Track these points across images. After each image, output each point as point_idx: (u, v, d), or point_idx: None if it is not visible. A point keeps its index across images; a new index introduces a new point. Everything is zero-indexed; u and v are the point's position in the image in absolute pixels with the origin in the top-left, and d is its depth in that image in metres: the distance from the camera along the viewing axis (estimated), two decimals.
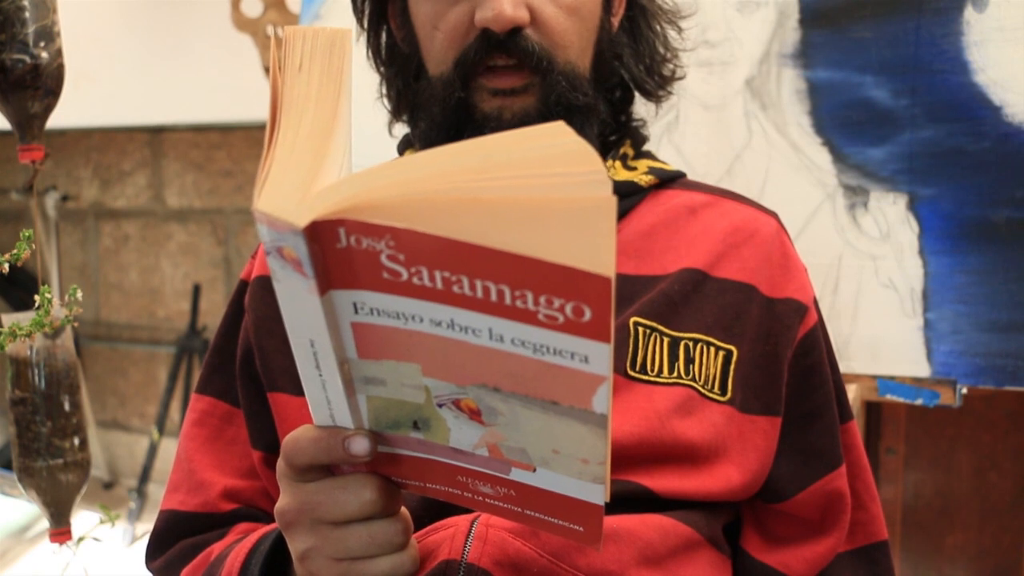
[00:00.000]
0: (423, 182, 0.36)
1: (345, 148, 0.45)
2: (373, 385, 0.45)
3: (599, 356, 0.38)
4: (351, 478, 0.50)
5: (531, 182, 0.35)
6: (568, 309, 0.37)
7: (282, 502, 0.52)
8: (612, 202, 0.34)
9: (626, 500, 0.65)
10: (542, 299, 0.37)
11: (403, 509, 0.52)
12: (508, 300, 0.37)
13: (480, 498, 0.52)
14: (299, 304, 0.41)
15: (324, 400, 0.47)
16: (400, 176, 0.37)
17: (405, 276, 0.39)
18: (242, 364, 0.76)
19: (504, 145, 0.37)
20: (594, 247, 0.35)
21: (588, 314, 0.37)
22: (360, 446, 0.47)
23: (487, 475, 0.49)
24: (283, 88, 0.45)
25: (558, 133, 0.36)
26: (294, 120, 0.43)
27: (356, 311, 0.41)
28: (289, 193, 0.39)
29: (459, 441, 0.47)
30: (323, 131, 0.43)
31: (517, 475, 0.48)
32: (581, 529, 0.51)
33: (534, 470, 0.47)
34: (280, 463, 0.51)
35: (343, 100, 0.45)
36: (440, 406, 0.45)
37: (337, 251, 0.39)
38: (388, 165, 0.38)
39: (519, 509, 0.51)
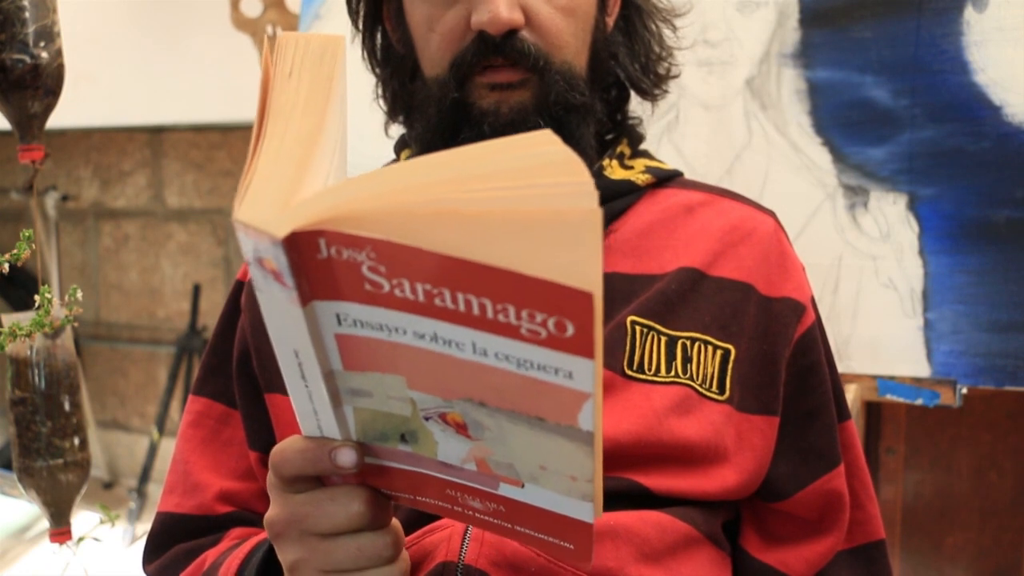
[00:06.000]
0: (405, 193, 0.36)
1: (333, 157, 0.44)
2: (359, 397, 0.45)
3: (583, 372, 0.38)
4: (340, 490, 0.49)
5: (514, 193, 0.34)
6: (550, 324, 0.36)
7: (271, 512, 0.51)
8: (597, 215, 0.33)
9: (623, 498, 0.65)
10: (524, 313, 0.36)
11: (394, 521, 0.52)
12: (490, 314, 0.37)
13: (470, 512, 0.51)
14: (282, 315, 0.41)
15: (311, 410, 0.46)
16: (382, 187, 0.36)
17: (387, 288, 0.38)
18: (239, 364, 0.76)
19: (488, 155, 0.36)
20: (578, 261, 0.34)
21: (571, 329, 0.36)
22: (346, 458, 0.47)
23: (476, 490, 0.49)
24: (271, 95, 0.44)
25: (543, 142, 0.36)
26: (280, 128, 0.43)
27: (339, 323, 0.41)
28: (269, 203, 0.38)
29: (447, 455, 0.47)
30: (308, 140, 0.43)
31: (506, 490, 0.48)
32: (571, 547, 0.50)
33: (522, 486, 0.47)
34: (269, 474, 0.51)
35: (332, 108, 0.44)
36: (427, 419, 0.45)
37: (318, 262, 0.38)
38: (370, 176, 0.37)
39: (509, 525, 0.51)
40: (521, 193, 0.34)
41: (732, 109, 1.19)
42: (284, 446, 0.49)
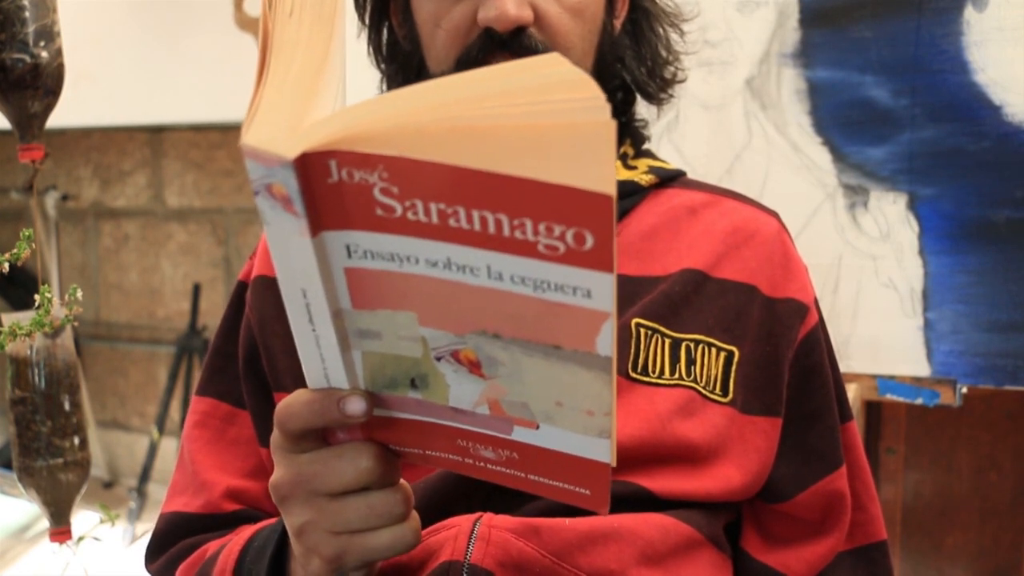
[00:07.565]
0: (417, 113, 0.36)
1: (337, 89, 0.44)
2: (368, 339, 0.44)
3: (602, 289, 0.37)
4: (347, 446, 0.48)
5: (528, 109, 0.34)
6: (569, 236, 0.36)
7: (276, 475, 0.50)
8: (611, 126, 0.33)
9: (625, 501, 0.65)
10: (542, 227, 0.36)
11: (403, 480, 0.50)
12: (507, 231, 0.36)
13: (482, 464, 0.49)
14: (290, 248, 0.40)
15: (318, 358, 0.45)
16: (393, 107, 0.36)
17: (399, 211, 0.37)
18: (247, 363, 0.76)
19: (499, 76, 0.36)
20: (594, 168, 0.34)
21: (590, 241, 0.35)
22: (356, 406, 0.45)
23: (488, 437, 0.47)
24: (272, 35, 0.44)
25: (554, 63, 0.36)
26: (284, 63, 0.43)
27: (349, 254, 0.40)
28: (278, 128, 0.38)
29: (459, 399, 0.46)
30: (313, 72, 0.43)
31: (519, 434, 0.46)
32: (588, 492, 0.49)
33: (537, 427, 0.45)
34: (274, 434, 0.49)
35: (335, 43, 0.45)
36: (439, 359, 0.44)
37: (328, 187, 0.37)
38: (380, 98, 0.37)
39: (523, 474, 0.49)
40: (535, 108, 0.34)
41: (732, 109, 1.19)
42: (290, 400, 0.47)
